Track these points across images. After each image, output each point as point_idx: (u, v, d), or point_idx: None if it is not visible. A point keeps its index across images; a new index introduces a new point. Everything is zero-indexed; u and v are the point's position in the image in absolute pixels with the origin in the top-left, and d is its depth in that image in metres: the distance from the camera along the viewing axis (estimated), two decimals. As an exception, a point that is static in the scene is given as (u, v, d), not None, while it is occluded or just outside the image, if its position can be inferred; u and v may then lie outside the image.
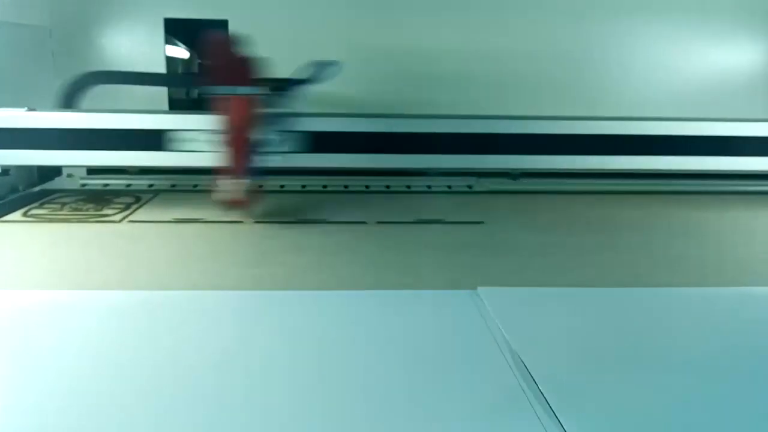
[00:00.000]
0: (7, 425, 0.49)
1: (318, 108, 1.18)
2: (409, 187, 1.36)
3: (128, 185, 1.32)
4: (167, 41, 1.43)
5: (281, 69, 1.10)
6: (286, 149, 1.15)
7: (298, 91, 1.06)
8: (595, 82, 1.55)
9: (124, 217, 1.09)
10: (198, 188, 1.32)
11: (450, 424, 0.50)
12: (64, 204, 1.16)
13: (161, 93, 1.41)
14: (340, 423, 0.50)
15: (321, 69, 1.07)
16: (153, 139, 1.17)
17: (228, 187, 1.03)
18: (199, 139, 1.15)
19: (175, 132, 1.16)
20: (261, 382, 0.55)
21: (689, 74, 1.57)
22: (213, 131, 1.05)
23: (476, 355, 0.61)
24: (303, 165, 1.24)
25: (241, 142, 1.03)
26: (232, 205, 1.06)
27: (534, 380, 0.55)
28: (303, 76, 1.08)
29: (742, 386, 0.56)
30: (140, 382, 0.55)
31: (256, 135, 1.05)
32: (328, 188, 1.35)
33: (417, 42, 1.46)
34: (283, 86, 1.06)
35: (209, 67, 1.01)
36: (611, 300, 0.77)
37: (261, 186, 1.07)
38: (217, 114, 1.03)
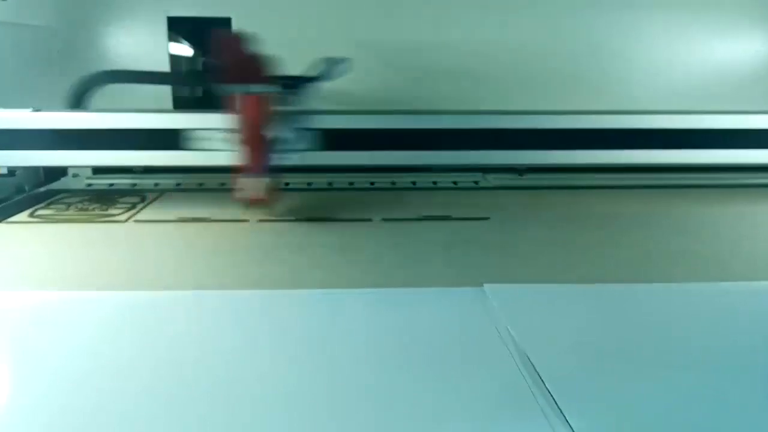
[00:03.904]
0: (13, 425, 0.49)
1: (332, 105, 1.18)
2: (414, 183, 1.36)
3: (134, 185, 1.33)
4: (171, 39, 1.43)
5: (290, 67, 1.10)
6: (302, 147, 1.15)
7: (311, 89, 1.06)
8: (598, 76, 1.55)
9: (129, 217, 1.09)
10: (203, 187, 1.33)
11: (456, 422, 0.50)
12: (70, 204, 1.16)
13: (165, 92, 1.41)
14: (345, 421, 0.50)
15: (332, 66, 1.07)
16: (168, 139, 1.17)
17: (248, 185, 1.04)
18: (215, 138, 1.15)
19: (192, 131, 1.15)
20: (265, 381, 0.55)
21: (693, 67, 1.56)
22: (229, 130, 1.06)
23: (482, 353, 0.61)
24: (320, 163, 1.24)
25: (257, 141, 1.04)
26: (253, 203, 1.07)
27: (541, 378, 0.55)
28: (314, 73, 1.08)
29: (752, 383, 0.56)
30: (146, 382, 0.55)
31: (272, 133, 1.06)
32: (334, 185, 1.35)
33: (420, 37, 1.46)
34: (295, 84, 1.06)
35: (222, 65, 1.01)
36: (620, 296, 0.76)
37: (280, 184, 1.07)
38: (232, 112, 1.03)
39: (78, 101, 1.26)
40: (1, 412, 0.51)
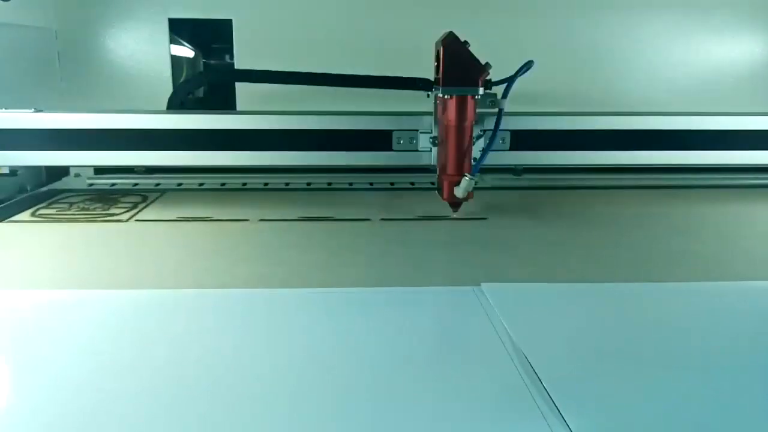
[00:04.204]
0: (14, 425, 0.49)
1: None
2: (412, 183, 1.37)
3: (135, 184, 1.34)
4: (172, 41, 1.44)
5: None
6: (500, 148, 1.18)
7: (506, 91, 1.08)
8: (597, 76, 1.56)
9: (131, 216, 1.09)
10: (204, 187, 1.34)
11: (453, 421, 0.50)
12: (71, 204, 1.17)
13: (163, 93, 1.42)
14: (342, 420, 0.50)
15: (521, 68, 1.09)
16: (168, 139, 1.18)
17: (459, 185, 1.06)
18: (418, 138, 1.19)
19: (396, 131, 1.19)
20: (265, 380, 0.56)
21: (691, 68, 1.57)
22: (436, 130, 1.12)
23: (480, 352, 0.62)
24: (514, 163, 1.29)
25: (464, 142, 1.07)
26: (458, 202, 1.10)
27: (538, 377, 0.55)
28: (508, 76, 1.10)
29: (752, 383, 0.56)
30: (148, 381, 0.55)
31: (475, 134, 1.09)
32: (333, 185, 1.36)
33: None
34: (491, 86, 1.08)
35: (442, 68, 1.04)
36: (618, 295, 0.77)
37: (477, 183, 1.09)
38: (443, 114, 1.07)
39: (179, 101, 1.27)
40: (2, 412, 0.52)
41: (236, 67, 1.44)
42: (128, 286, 0.77)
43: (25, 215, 1.10)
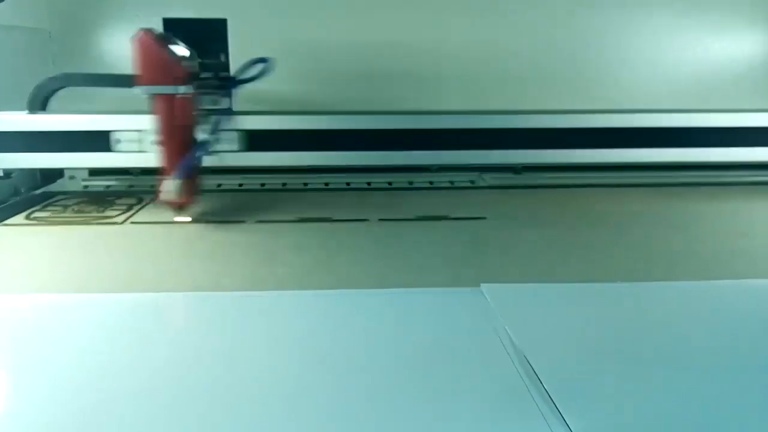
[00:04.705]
0: (13, 428, 0.49)
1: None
2: (411, 183, 1.36)
3: (130, 186, 1.33)
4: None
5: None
6: (223, 148, 1.15)
7: (236, 90, 1.06)
8: (594, 74, 1.56)
9: (126, 219, 1.09)
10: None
11: (453, 422, 0.50)
12: (66, 206, 1.16)
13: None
14: (341, 422, 0.50)
15: (256, 67, 1.07)
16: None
17: (167, 187, 1.02)
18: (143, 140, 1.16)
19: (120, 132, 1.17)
20: (264, 382, 0.55)
21: (691, 66, 1.57)
22: (151, 131, 1.05)
23: (480, 353, 0.61)
24: (240, 164, 1.25)
25: (177, 142, 1.02)
26: (174, 205, 1.05)
27: (539, 378, 0.55)
28: (239, 74, 1.09)
29: (752, 382, 0.56)
30: (145, 384, 0.55)
31: (193, 134, 1.05)
32: (330, 186, 1.35)
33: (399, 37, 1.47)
34: (221, 84, 1.06)
35: (140, 66, 0.99)
36: (618, 295, 0.76)
37: (199, 185, 1.07)
38: (154, 114, 1.02)
39: (38, 104, 1.25)
40: (0, 416, 0.51)
41: (231, 66, 1.43)
42: (124, 289, 0.77)
43: (20, 218, 1.09)
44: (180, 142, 1.03)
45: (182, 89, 1.00)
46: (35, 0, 1.39)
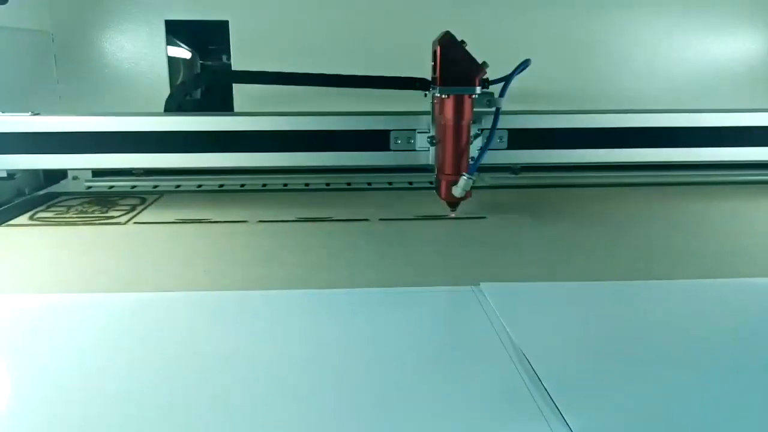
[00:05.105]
0: (14, 428, 0.49)
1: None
2: (411, 183, 1.37)
3: (133, 187, 1.33)
4: (169, 42, 1.44)
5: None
6: (498, 146, 1.19)
7: (503, 90, 1.08)
8: (594, 74, 1.56)
9: (129, 219, 1.09)
10: (202, 189, 1.34)
11: (453, 421, 0.50)
12: (69, 207, 1.17)
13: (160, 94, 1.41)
14: (341, 420, 0.50)
15: (518, 67, 1.09)
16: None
17: (457, 184, 1.06)
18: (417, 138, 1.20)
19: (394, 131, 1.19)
20: (265, 381, 0.56)
21: (689, 66, 1.57)
22: (433, 130, 1.12)
23: (479, 352, 0.61)
24: (511, 161, 1.28)
25: (462, 141, 1.07)
26: (456, 201, 1.09)
27: (538, 377, 0.55)
28: (505, 75, 1.10)
29: (752, 381, 0.56)
30: (148, 383, 0.55)
31: (472, 133, 1.09)
32: (331, 186, 1.36)
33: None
34: (488, 85, 1.08)
35: (439, 68, 1.04)
36: (617, 294, 0.77)
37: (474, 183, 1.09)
38: (440, 114, 1.07)
39: (177, 104, 1.27)
40: (2, 415, 0.52)
41: (233, 68, 1.44)
42: (127, 289, 0.77)
43: (23, 219, 1.10)
44: (465, 141, 1.07)
45: (477, 90, 1.05)
46: (37, 2, 1.39)
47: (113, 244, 0.97)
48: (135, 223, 1.08)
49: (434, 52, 1.06)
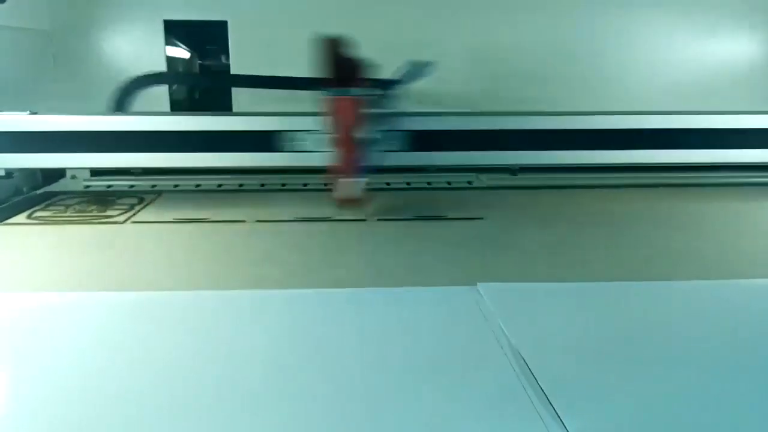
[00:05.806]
0: (13, 427, 0.50)
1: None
2: (408, 184, 1.37)
3: (131, 186, 1.33)
4: (167, 42, 1.44)
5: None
6: (393, 148, 1.18)
7: (398, 91, 1.08)
8: (593, 76, 1.56)
9: (127, 218, 1.09)
10: (201, 188, 1.34)
11: (449, 422, 0.50)
12: (68, 206, 1.17)
13: (162, 93, 1.42)
14: (337, 420, 0.50)
15: (416, 69, 1.09)
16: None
17: (343, 186, 1.07)
18: (310, 139, 1.18)
19: (287, 132, 1.18)
20: (263, 381, 0.56)
21: (688, 67, 1.57)
22: (323, 131, 1.10)
23: (476, 352, 0.61)
24: (409, 163, 1.27)
25: (351, 142, 1.07)
26: (346, 203, 1.10)
27: (535, 378, 0.55)
28: (399, 76, 1.10)
29: (751, 382, 0.56)
30: (145, 383, 0.55)
31: (364, 134, 1.09)
32: (330, 186, 1.36)
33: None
34: (383, 86, 1.08)
35: (323, 68, 1.04)
36: (615, 294, 0.77)
37: (371, 184, 1.10)
38: (328, 114, 1.07)
39: (120, 105, 1.26)
40: (2, 415, 0.52)
41: (232, 69, 1.44)
42: (125, 288, 0.77)
43: (21, 218, 1.10)
44: (354, 142, 1.07)
45: (361, 90, 1.05)
46: (36, 1, 1.39)
47: (111, 243, 0.97)
48: (133, 222, 1.08)
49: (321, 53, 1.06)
